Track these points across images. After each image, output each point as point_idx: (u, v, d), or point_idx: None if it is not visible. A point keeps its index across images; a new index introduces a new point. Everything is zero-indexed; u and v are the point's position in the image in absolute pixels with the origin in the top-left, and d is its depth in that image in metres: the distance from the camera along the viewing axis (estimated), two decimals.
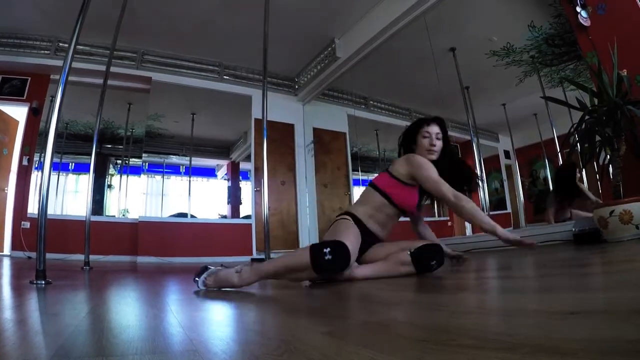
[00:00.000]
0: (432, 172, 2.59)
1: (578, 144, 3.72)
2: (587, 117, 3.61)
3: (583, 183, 5.63)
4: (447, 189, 2.48)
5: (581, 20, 4.29)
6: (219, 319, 1.46)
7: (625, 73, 3.53)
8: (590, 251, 2.96)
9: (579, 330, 0.76)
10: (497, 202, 8.30)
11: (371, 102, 9.89)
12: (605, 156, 3.57)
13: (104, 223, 7.30)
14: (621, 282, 1.39)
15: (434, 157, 2.78)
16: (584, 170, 5.52)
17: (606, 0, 4.22)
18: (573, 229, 3.92)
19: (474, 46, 7.35)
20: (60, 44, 7.25)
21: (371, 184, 2.81)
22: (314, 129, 9.53)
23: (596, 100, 3.64)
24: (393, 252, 2.54)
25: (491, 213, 7.65)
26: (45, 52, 7.21)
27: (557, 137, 6.51)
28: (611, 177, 3.49)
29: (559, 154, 6.42)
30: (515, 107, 7.87)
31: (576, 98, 3.84)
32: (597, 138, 3.57)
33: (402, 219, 2.86)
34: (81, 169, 7.87)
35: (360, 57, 7.57)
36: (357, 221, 2.65)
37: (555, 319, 0.88)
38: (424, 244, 2.49)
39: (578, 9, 4.31)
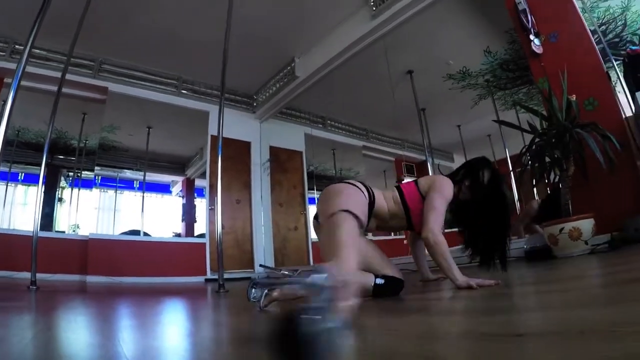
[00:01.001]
0: (443, 201, 2.51)
1: (529, 165, 3.82)
2: (537, 139, 3.73)
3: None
4: (434, 224, 2.40)
5: (534, 48, 4.44)
6: (172, 349, 1.42)
7: (574, 98, 3.68)
8: (541, 268, 3.04)
9: (525, 352, 0.78)
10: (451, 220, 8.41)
11: (329, 121, 9.98)
12: (555, 176, 3.68)
13: (53, 239, 6.99)
14: (573, 301, 1.42)
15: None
16: (534, 189, 5.66)
17: (559, 29, 4.39)
18: (525, 246, 4.02)
19: (431, 69, 7.50)
20: (17, 47, 6.98)
21: (398, 188, 2.70)
22: (271, 147, 9.53)
23: (546, 124, 3.77)
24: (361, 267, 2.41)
25: (446, 231, 7.71)
26: (1, 53, 7.03)
27: (510, 157, 6.67)
28: (560, 195, 3.60)
29: (511, 173, 6.56)
30: (470, 129, 8.05)
31: (527, 121, 3.97)
32: (547, 159, 3.68)
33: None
34: (31, 179, 7.63)
35: (319, 76, 7.63)
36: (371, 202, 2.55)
37: (501, 342, 0.91)
38: (391, 277, 2.41)
39: (531, 37, 4.47)
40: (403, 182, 2.73)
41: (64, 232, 7.70)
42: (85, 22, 5.93)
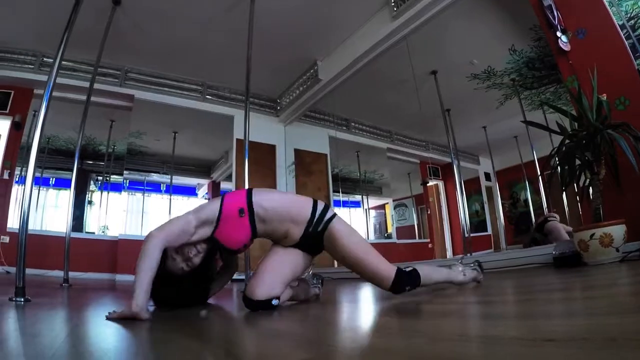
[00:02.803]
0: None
1: (558, 167, 3.73)
2: (567, 141, 3.64)
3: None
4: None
5: (561, 45, 4.34)
6: (191, 341, 1.42)
7: (605, 97, 3.57)
8: (571, 275, 2.95)
9: (555, 358, 0.75)
10: (477, 224, 8.34)
11: (352, 123, 9.94)
12: (585, 179, 3.58)
13: (84, 240, 7.20)
14: (600, 308, 1.38)
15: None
16: (564, 193, 5.56)
17: (586, 25, 4.28)
18: (553, 252, 3.92)
19: (455, 69, 7.43)
20: (45, 59, 7.20)
21: None
22: (295, 150, 9.54)
23: (576, 124, 3.67)
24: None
25: (472, 235, 7.67)
26: (30, 66, 7.15)
27: (538, 160, 6.56)
28: (591, 200, 3.50)
29: (540, 176, 6.46)
30: (495, 130, 7.95)
31: (556, 122, 3.87)
32: (577, 162, 3.58)
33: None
34: (62, 184, 7.78)
35: (342, 79, 7.62)
36: None
37: (531, 347, 0.87)
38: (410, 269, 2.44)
39: (558, 33, 4.36)
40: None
41: (93, 233, 7.87)
42: (110, 33, 6.04)
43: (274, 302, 2.25)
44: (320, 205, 2.51)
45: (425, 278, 2.44)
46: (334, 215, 2.51)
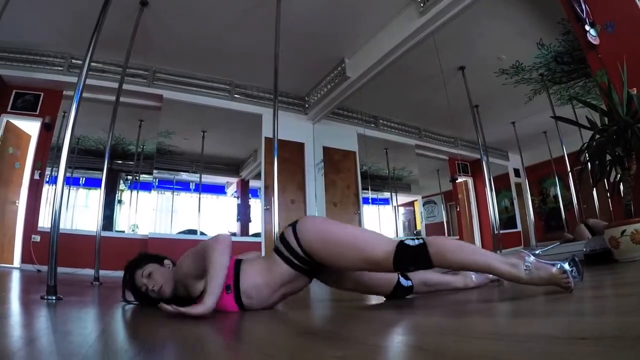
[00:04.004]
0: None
1: (589, 163, 3.70)
2: (597, 136, 3.60)
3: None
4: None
5: (590, 39, 4.28)
6: (226, 339, 1.44)
7: (635, 92, 3.51)
8: (601, 272, 2.90)
9: (588, 356, 0.76)
10: (507, 220, 8.27)
11: (381, 120, 9.90)
12: (616, 175, 3.54)
13: (114, 238, 7.29)
14: (631, 306, 1.38)
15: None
16: (594, 189, 5.50)
17: (615, 18, 4.22)
18: (584, 249, 3.89)
19: (483, 65, 7.37)
20: (74, 61, 7.34)
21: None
22: (324, 148, 9.54)
23: (606, 119, 3.63)
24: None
25: (501, 232, 7.62)
26: (59, 68, 7.30)
27: (568, 155, 6.48)
28: (622, 196, 3.46)
29: (570, 172, 6.39)
30: (524, 125, 7.86)
31: (586, 117, 3.83)
32: (608, 157, 3.55)
33: None
34: (92, 184, 7.90)
35: (370, 76, 7.59)
36: None
37: (565, 345, 0.88)
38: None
39: (587, 27, 4.30)
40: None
41: (123, 231, 7.97)
42: (138, 34, 6.11)
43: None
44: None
45: (441, 255, 1.87)
46: (295, 222, 2.22)
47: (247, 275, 2.16)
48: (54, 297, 2.57)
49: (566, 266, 1.79)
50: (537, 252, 1.79)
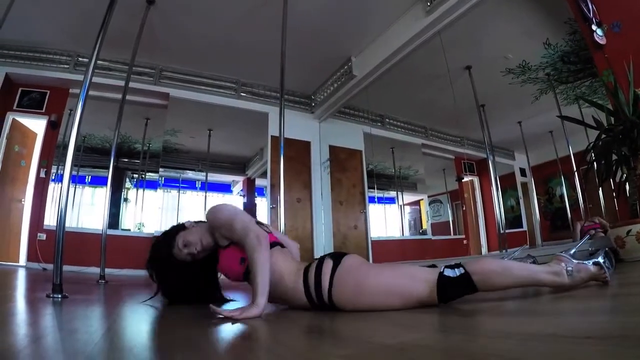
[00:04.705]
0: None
1: (595, 162, 3.69)
2: (603, 135, 3.59)
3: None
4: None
5: (596, 38, 4.27)
6: (232, 338, 1.45)
7: None
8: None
9: (594, 355, 0.77)
10: (512, 220, 8.24)
11: (387, 119, 9.88)
12: (622, 174, 3.54)
13: (120, 237, 7.35)
14: (636, 306, 1.39)
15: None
16: (600, 189, 5.48)
17: (622, 18, 4.21)
18: (589, 249, 3.88)
19: (489, 64, 7.35)
20: (80, 59, 7.38)
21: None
22: (330, 147, 9.54)
23: (612, 119, 3.62)
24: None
25: (507, 231, 7.61)
26: (65, 66, 7.34)
27: (574, 155, 6.45)
28: (628, 195, 3.46)
29: (576, 171, 6.37)
30: (531, 125, 7.84)
31: (592, 116, 3.82)
32: (614, 157, 3.54)
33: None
34: (97, 182, 7.93)
35: (376, 75, 7.60)
36: None
37: (570, 344, 0.88)
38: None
39: (593, 27, 4.30)
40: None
41: (129, 230, 7.99)
42: (144, 32, 6.13)
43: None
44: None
45: (485, 281, 1.83)
46: (337, 264, 2.07)
47: (274, 259, 2.15)
48: (59, 295, 2.57)
49: (600, 260, 1.91)
50: (572, 251, 1.67)
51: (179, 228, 2.52)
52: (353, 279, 1.97)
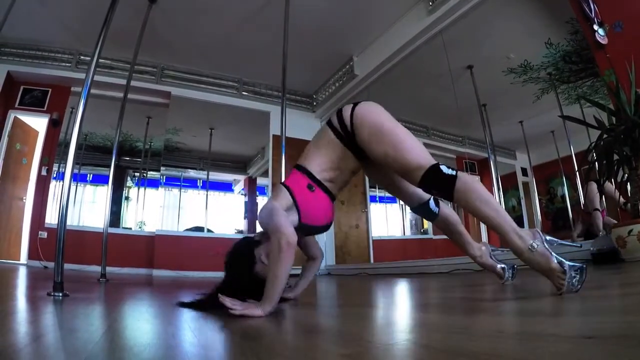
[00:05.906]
0: None
1: (596, 162, 3.68)
2: (604, 135, 3.59)
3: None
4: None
5: (598, 38, 4.27)
6: (232, 336, 1.45)
7: None
8: (608, 272, 2.90)
9: (595, 355, 0.77)
10: (514, 219, 8.24)
11: None
12: (624, 174, 3.53)
13: (121, 235, 7.35)
14: (639, 305, 1.38)
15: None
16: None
17: (623, 18, 4.20)
18: (591, 249, 3.87)
19: (491, 64, 7.34)
20: (82, 57, 7.39)
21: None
22: None
23: (614, 119, 3.62)
24: None
25: None
26: (67, 64, 7.35)
27: (575, 155, 6.45)
28: (629, 195, 3.45)
29: (577, 171, 6.36)
30: (532, 125, 7.83)
31: (594, 116, 3.81)
32: (615, 156, 3.53)
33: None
34: (99, 180, 7.94)
35: (378, 74, 7.62)
36: None
37: (571, 344, 0.89)
38: None
39: (595, 26, 4.29)
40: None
41: (130, 228, 8.02)
42: (146, 31, 6.13)
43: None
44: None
45: (464, 193, 1.88)
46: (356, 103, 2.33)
47: (309, 159, 2.35)
48: (60, 294, 2.55)
49: (569, 269, 1.73)
50: (550, 239, 1.63)
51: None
52: (375, 112, 2.28)
